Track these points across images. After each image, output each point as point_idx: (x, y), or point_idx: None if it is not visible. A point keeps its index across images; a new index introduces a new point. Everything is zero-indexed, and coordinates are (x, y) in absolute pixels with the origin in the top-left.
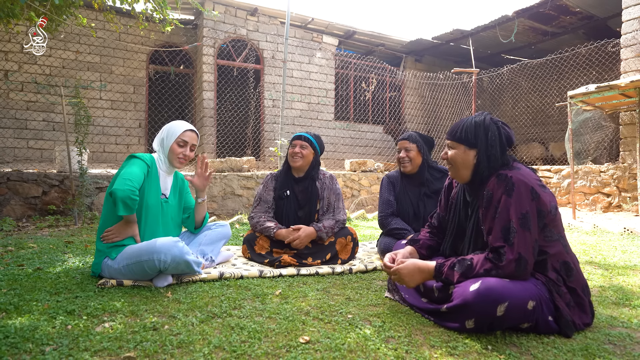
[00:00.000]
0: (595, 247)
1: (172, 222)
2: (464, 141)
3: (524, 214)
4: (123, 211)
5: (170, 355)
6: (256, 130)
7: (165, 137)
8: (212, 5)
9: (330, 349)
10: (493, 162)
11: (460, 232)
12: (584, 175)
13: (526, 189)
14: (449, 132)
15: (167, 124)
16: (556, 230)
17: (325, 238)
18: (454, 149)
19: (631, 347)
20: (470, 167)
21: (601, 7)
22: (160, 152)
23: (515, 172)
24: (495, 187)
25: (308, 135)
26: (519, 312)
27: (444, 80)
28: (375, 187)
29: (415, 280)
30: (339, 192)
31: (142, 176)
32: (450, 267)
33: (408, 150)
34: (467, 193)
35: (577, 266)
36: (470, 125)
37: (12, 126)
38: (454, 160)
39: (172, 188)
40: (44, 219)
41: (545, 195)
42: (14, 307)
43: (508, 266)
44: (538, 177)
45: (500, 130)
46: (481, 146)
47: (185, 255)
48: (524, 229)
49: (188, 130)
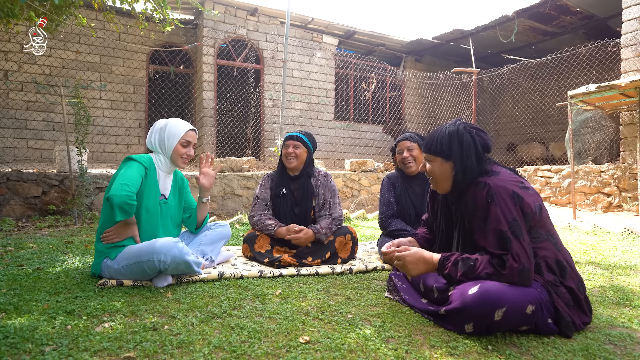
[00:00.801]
0: (595, 247)
1: (172, 222)
2: (440, 154)
3: (511, 221)
4: (120, 216)
5: (170, 356)
6: (256, 130)
7: (166, 138)
8: (212, 5)
9: (330, 349)
10: (469, 172)
11: (448, 240)
12: (584, 175)
13: (507, 194)
14: (424, 144)
15: (162, 123)
16: (544, 230)
17: (324, 240)
18: (431, 162)
19: (631, 347)
20: (450, 178)
21: (601, 7)
22: (161, 154)
23: (494, 179)
24: (475, 195)
25: (300, 135)
26: (518, 316)
27: (444, 80)
28: (375, 187)
29: (418, 270)
30: (334, 188)
31: (140, 179)
32: (454, 264)
33: (411, 150)
34: (449, 201)
35: (570, 263)
36: (444, 137)
37: (12, 126)
38: (433, 173)
39: (172, 188)
40: (43, 219)
41: (528, 197)
42: (14, 307)
43: (511, 275)
44: (519, 179)
45: (475, 138)
46: (456, 158)
47: (185, 256)
48: (517, 237)
49: (190, 130)
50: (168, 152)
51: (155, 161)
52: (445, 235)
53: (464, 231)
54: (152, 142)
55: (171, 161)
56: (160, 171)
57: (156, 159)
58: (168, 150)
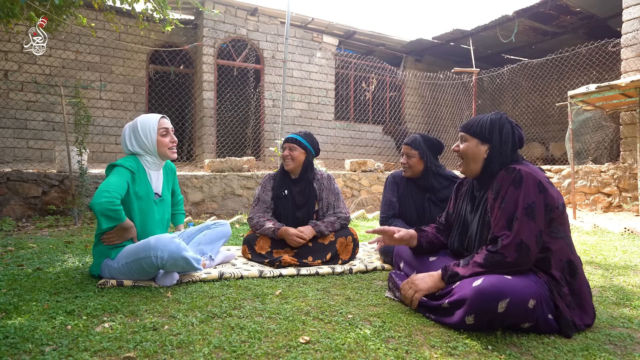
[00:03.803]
0: (595, 247)
1: (166, 215)
2: (478, 135)
3: (529, 204)
4: (106, 224)
5: (170, 356)
6: (256, 130)
7: (142, 136)
8: (212, 5)
9: (330, 349)
10: (504, 158)
11: (466, 225)
12: (584, 175)
13: (534, 181)
14: (464, 125)
15: (132, 124)
16: (562, 229)
17: (325, 232)
18: (467, 142)
19: (632, 347)
20: (481, 161)
21: (601, 7)
22: (147, 154)
23: (523, 167)
24: (504, 179)
25: (297, 137)
26: (520, 310)
27: (444, 80)
28: (375, 187)
29: (426, 283)
30: (338, 191)
31: (125, 183)
32: (455, 264)
33: (409, 157)
34: (475, 188)
35: (580, 268)
36: (486, 121)
37: (12, 126)
38: (466, 153)
39: (164, 183)
40: (43, 219)
41: (553, 191)
42: (14, 307)
43: (508, 250)
44: (546, 176)
45: (514, 130)
46: (495, 142)
47: (183, 252)
48: (529, 218)
49: (161, 118)
50: (153, 148)
51: (142, 162)
52: (463, 223)
53: (485, 216)
54: (131, 148)
55: (159, 156)
56: (150, 171)
57: (143, 160)
58: (152, 146)
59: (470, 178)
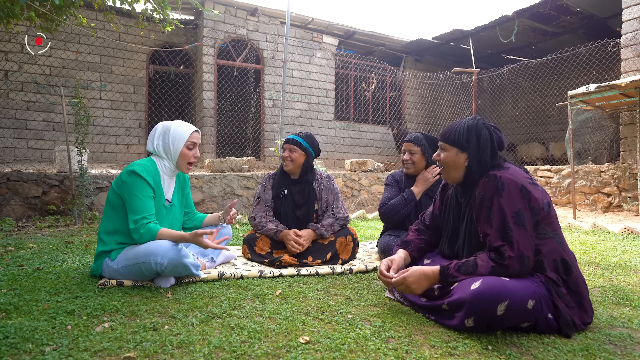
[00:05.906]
0: (595, 247)
1: (176, 222)
2: (456, 144)
3: (516, 212)
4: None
5: (170, 356)
6: (256, 130)
7: (171, 142)
8: (212, 5)
9: (330, 349)
10: (483, 164)
11: (455, 232)
12: (584, 175)
13: (516, 187)
14: (442, 134)
15: (165, 127)
16: (550, 228)
17: (325, 235)
18: (446, 151)
19: (632, 347)
20: (462, 169)
21: (601, 7)
22: (166, 158)
23: (504, 172)
24: (485, 187)
25: (297, 138)
26: (519, 311)
27: (444, 80)
28: (375, 187)
29: (422, 287)
30: (337, 191)
31: (152, 200)
32: (456, 270)
33: (412, 154)
34: (459, 194)
35: (574, 264)
36: (462, 129)
37: (12, 126)
38: (446, 163)
39: (175, 189)
40: (44, 219)
41: (536, 193)
42: (14, 307)
43: (511, 264)
44: (529, 176)
45: (492, 134)
46: (472, 149)
47: (184, 259)
48: (519, 227)
49: (194, 132)
50: (174, 157)
51: (158, 165)
52: (452, 228)
53: (471, 224)
54: (155, 148)
55: (176, 166)
56: (164, 175)
57: (159, 163)
58: (174, 154)
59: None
